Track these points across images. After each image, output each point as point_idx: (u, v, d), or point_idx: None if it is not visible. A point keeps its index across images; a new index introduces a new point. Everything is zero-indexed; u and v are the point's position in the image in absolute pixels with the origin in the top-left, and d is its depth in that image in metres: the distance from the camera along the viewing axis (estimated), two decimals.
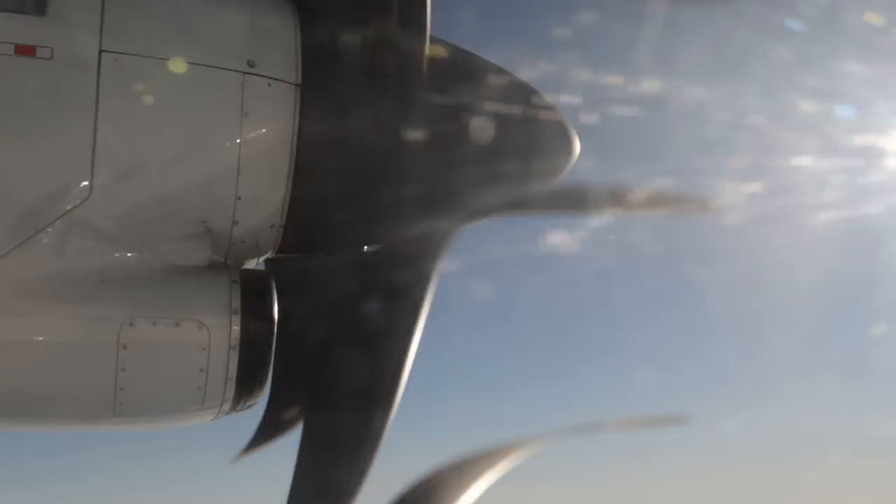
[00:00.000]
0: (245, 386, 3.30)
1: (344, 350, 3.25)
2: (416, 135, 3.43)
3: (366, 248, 3.52)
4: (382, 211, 3.45)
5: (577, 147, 3.85)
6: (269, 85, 3.28)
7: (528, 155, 3.67)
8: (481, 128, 3.53)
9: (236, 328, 3.23)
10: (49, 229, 3.11)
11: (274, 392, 3.40)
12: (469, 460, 3.04)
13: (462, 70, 3.66)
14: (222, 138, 3.25)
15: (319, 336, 3.41)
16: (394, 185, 3.40)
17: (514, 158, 3.61)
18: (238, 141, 3.23)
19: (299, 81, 3.33)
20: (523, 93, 3.72)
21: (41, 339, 3.16)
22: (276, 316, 3.33)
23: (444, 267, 3.40)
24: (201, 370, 3.20)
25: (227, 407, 3.34)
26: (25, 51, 3.07)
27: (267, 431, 3.49)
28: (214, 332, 3.19)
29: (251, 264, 3.66)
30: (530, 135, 3.63)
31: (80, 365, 3.19)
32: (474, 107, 3.60)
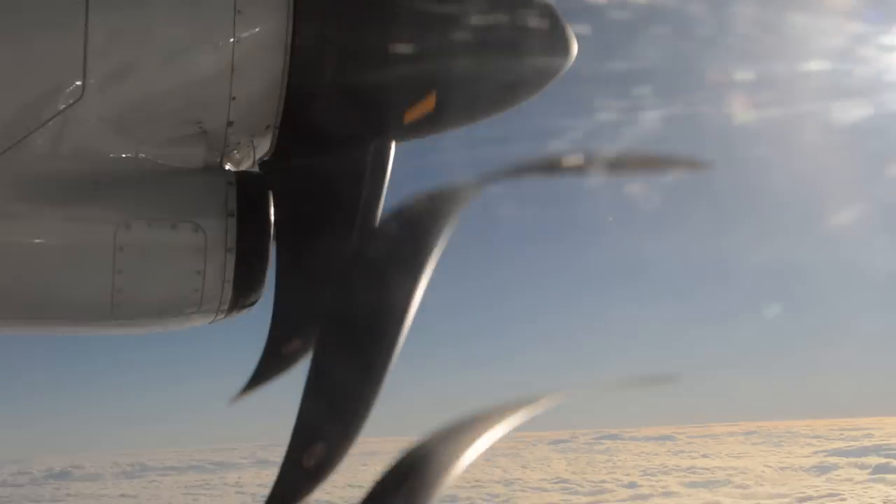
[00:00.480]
0: (242, 288, 3.30)
1: (345, 258, 3.19)
2: (410, 31, 3.38)
3: (364, 149, 3.42)
4: (379, 109, 3.41)
5: (574, 48, 3.82)
6: None
7: (523, 53, 3.62)
8: (475, 22, 3.48)
9: (233, 230, 3.23)
10: (42, 130, 3.08)
11: (275, 323, 3.37)
12: (473, 419, 3.04)
13: None
14: (215, 37, 3.20)
15: (317, 240, 3.37)
16: (391, 83, 3.35)
17: (508, 56, 3.58)
18: (231, 40, 3.18)
19: None
20: None
21: (37, 241, 3.15)
22: (272, 218, 3.32)
23: (461, 217, 3.31)
24: (198, 272, 3.21)
25: (224, 310, 3.35)
26: None
27: (268, 367, 3.45)
28: (211, 234, 3.20)
29: (247, 166, 3.63)
30: (525, 32, 3.60)
31: (76, 267, 3.19)
32: (468, 3, 3.54)
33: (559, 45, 3.72)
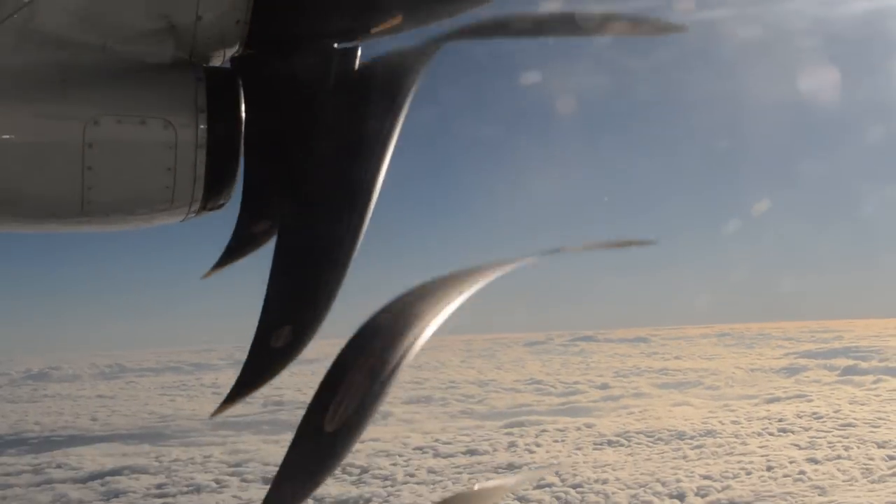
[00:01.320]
0: (213, 185, 3.31)
1: (314, 153, 3.26)
2: None
3: (337, 46, 3.37)
4: (350, 7, 3.35)
5: None
6: None
7: None
8: None
9: (203, 127, 3.22)
10: (5, 24, 3.03)
11: (244, 204, 3.39)
12: (445, 279, 3.03)
13: None
14: None
15: (289, 139, 3.39)
16: None
17: None
18: None
19: None
20: None
21: (5, 137, 3.14)
22: (243, 115, 3.30)
23: (421, 83, 3.30)
24: (168, 169, 3.24)
25: (196, 207, 3.37)
26: None
27: (237, 246, 3.44)
28: (181, 130, 3.20)
29: (217, 63, 3.48)
30: None
31: (45, 164, 3.20)
32: None
33: None
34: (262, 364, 2.89)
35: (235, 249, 3.45)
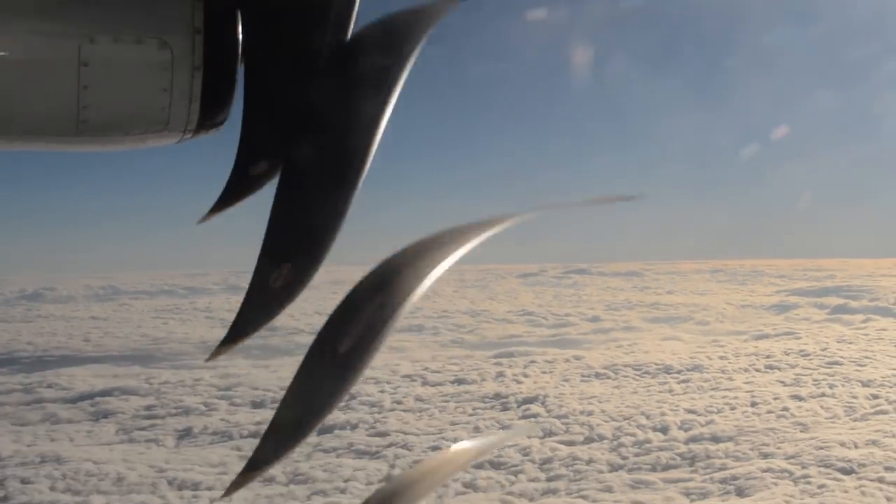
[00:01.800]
0: (209, 107, 3.32)
1: (315, 88, 3.21)
2: None
3: None
4: None
5: None
6: None
7: None
8: None
9: (199, 48, 3.21)
10: None
11: (242, 144, 3.35)
12: (441, 236, 3.08)
13: None
14: None
15: (289, 72, 3.33)
16: None
17: None
18: None
19: None
20: None
21: (1, 55, 3.10)
22: (240, 37, 3.28)
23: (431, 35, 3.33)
24: (164, 90, 3.24)
25: (191, 128, 3.38)
26: None
27: (235, 189, 3.37)
28: (177, 51, 3.19)
29: None
30: None
31: (40, 82, 3.19)
32: None
33: None
34: (260, 304, 2.89)
35: (233, 191, 3.38)
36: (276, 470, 33.67)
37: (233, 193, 3.35)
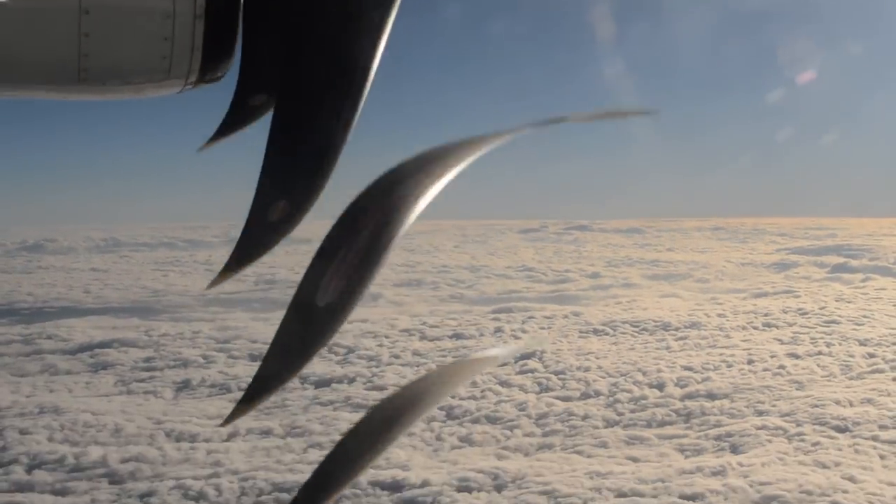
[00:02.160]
0: (211, 57, 3.31)
1: (314, 24, 3.15)
2: None
3: None
4: None
5: None
6: None
7: None
8: None
9: None
10: None
11: (242, 76, 3.40)
12: (437, 151, 2.99)
13: None
14: None
15: (289, 8, 3.24)
16: None
17: None
18: None
19: None
20: None
21: (1, 2, 3.08)
22: None
23: None
24: (165, 39, 3.22)
25: (192, 78, 3.38)
26: None
27: (234, 119, 3.45)
28: (179, 0, 3.17)
29: None
30: None
31: (41, 29, 3.16)
32: None
33: None
34: (257, 237, 2.88)
35: (232, 122, 3.43)
36: (274, 423, 33.85)
37: (232, 122, 3.40)
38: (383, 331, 50.17)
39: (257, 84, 3.40)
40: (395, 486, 25.08)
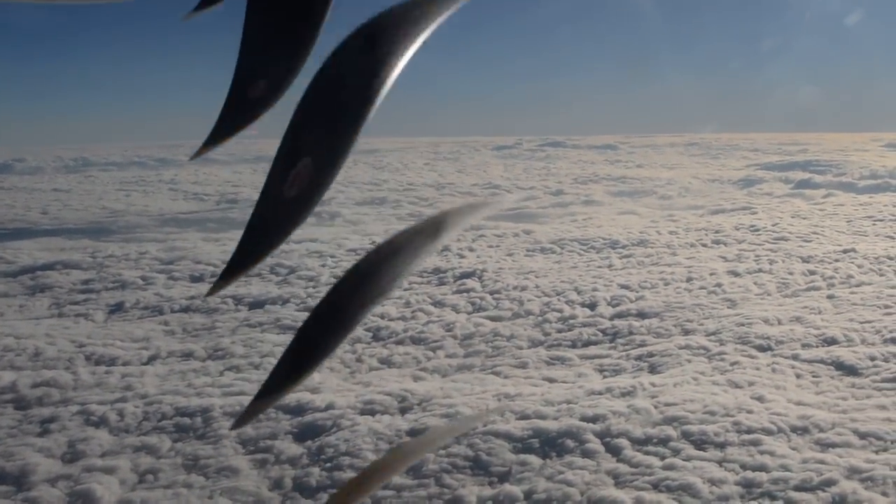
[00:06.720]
0: None
1: None
2: None
3: None
4: None
5: None
6: None
7: None
8: None
9: None
10: None
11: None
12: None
13: None
14: None
15: None
16: None
17: None
18: None
19: None
20: None
21: None
22: None
23: None
24: None
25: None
26: None
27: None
28: None
29: None
30: None
31: None
32: None
33: None
34: (237, 113, 2.62)
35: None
36: (198, 345, 33.54)
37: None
38: (330, 250, 49.60)
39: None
40: (297, 410, 24.81)
